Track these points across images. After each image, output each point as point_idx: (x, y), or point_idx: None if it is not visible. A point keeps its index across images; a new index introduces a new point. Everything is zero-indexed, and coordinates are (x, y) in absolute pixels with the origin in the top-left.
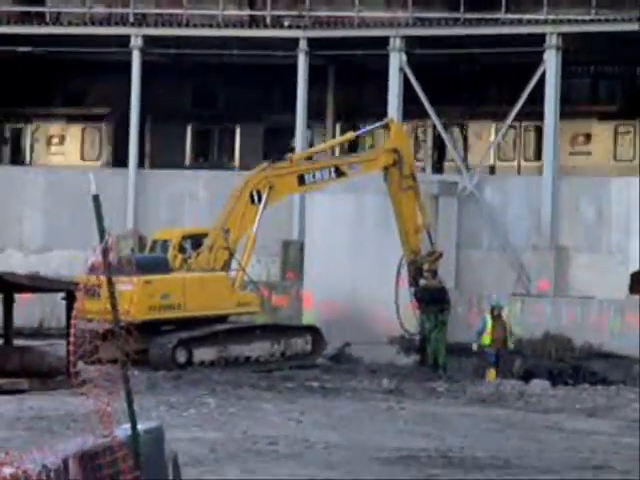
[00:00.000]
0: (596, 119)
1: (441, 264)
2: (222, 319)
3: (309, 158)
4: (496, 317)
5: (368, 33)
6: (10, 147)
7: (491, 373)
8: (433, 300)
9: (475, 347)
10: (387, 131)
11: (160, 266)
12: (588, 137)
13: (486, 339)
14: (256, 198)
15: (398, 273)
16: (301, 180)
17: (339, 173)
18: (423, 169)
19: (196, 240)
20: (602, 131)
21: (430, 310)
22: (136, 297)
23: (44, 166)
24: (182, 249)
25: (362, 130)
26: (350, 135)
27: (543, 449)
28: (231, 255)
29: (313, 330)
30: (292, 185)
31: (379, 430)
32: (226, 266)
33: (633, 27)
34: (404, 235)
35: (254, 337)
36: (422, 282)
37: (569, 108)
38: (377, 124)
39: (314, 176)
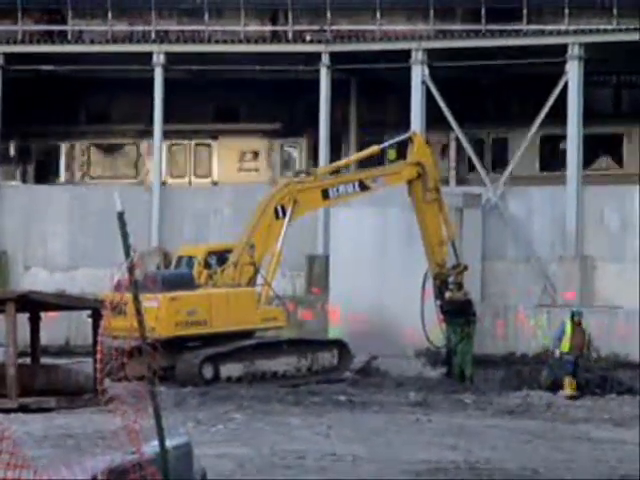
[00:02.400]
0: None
1: (466, 276)
2: (248, 334)
3: (333, 172)
4: (576, 324)
5: (390, 46)
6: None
7: (571, 384)
8: (459, 313)
9: (557, 353)
10: (411, 144)
11: (186, 282)
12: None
13: (565, 346)
14: (280, 213)
15: (423, 286)
16: (325, 194)
17: (363, 187)
18: (447, 181)
19: (221, 256)
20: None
21: (456, 323)
22: (162, 314)
23: (69, 184)
24: (207, 265)
25: (386, 144)
26: (374, 149)
27: (571, 459)
28: (256, 271)
29: (339, 344)
30: (316, 199)
31: (407, 443)
32: (252, 281)
33: None
34: (429, 248)
35: (280, 352)
36: (447, 295)
37: (592, 118)
38: (400, 137)
39: (338, 190)
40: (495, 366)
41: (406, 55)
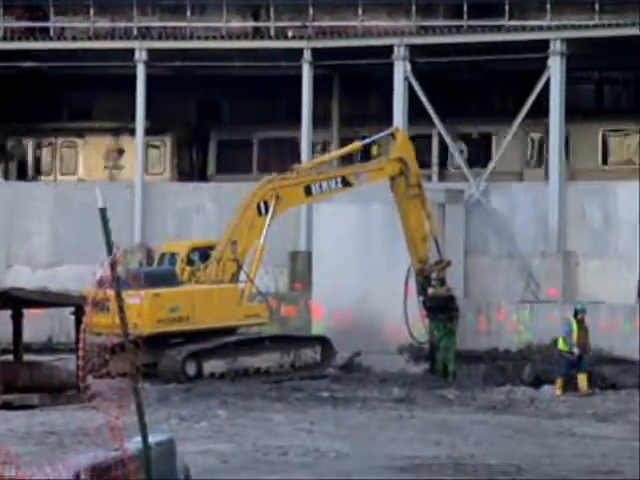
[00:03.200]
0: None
1: (449, 272)
2: (231, 331)
3: (315, 168)
4: (580, 321)
5: (372, 42)
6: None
7: (582, 379)
8: (442, 309)
9: (576, 351)
10: (393, 140)
11: (168, 279)
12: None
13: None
14: (263, 209)
15: (406, 282)
16: (308, 191)
17: (345, 183)
18: (429, 177)
19: (204, 252)
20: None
21: (439, 318)
22: (145, 310)
23: (51, 181)
24: (190, 261)
25: (368, 140)
26: (356, 145)
27: (555, 455)
28: (239, 267)
29: (322, 340)
30: (299, 196)
31: (390, 439)
32: (234, 278)
33: (636, 32)
34: (411, 244)
35: (263, 348)
36: (430, 291)
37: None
38: (382, 133)
39: (321, 187)
40: (478, 362)
41: (388, 51)
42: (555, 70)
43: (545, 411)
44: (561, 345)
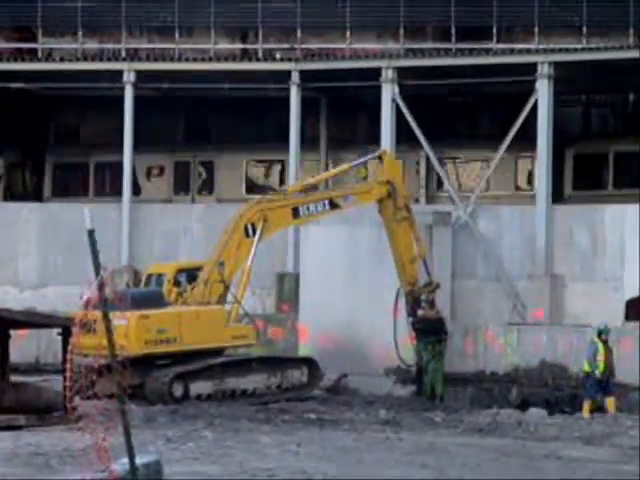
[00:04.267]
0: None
1: (437, 294)
2: (218, 352)
3: (303, 191)
4: (604, 342)
5: (360, 65)
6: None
7: (610, 402)
8: (431, 331)
9: (598, 374)
10: (380, 163)
11: (155, 300)
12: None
13: (600, 366)
14: (250, 231)
15: (396, 303)
16: (295, 213)
17: (333, 205)
18: (417, 200)
19: (191, 274)
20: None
21: (427, 341)
22: (132, 332)
23: (38, 202)
24: (177, 283)
25: (356, 162)
26: (344, 167)
27: (542, 478)
28: (226, 288)
29: (309, 362)
30: (286, 218)
31: (377, 461)
32: (221, 299)
33: (624, 55)
34: (400, 266)
35: (250, 370)
36: (420, 312)
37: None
38: (370, 156)
39: (308, 209)
40: (465, 384)
41: (376, 73)
42: (543, 93)
43: (532, 434)
44: (586, 368)
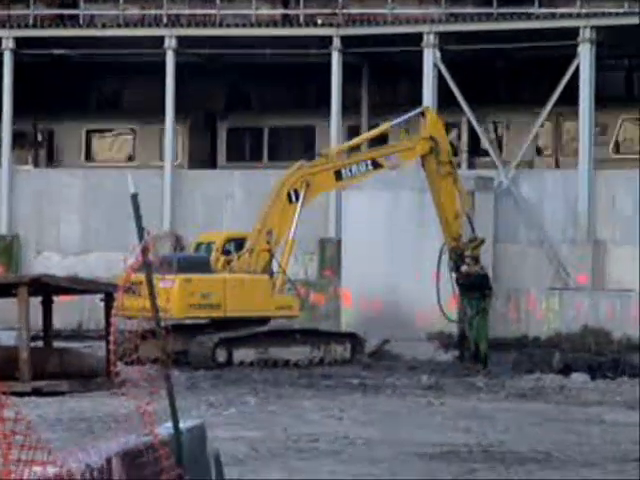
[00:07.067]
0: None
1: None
2: (261, 321)
3: (345, 153)
4: None
5: (401, 30)
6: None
7: None
8: (475, 286)
9: None
10: (423, 119)
11: (201, 266)
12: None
13: None
14: (294, 197)
15: (439, 260)
16: (338, 175)
17: (376, 165)
18: (459, 165)
19: (240, 243)
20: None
21: (472, 297)
22: (175, 295)
23: (81, 168)
24: (226, 252)
25: (397, 120)
26: (386, 126)
27: (584, 442)
28: (272, 257)
29: (353, 337)
30: (329, 181)
31: (419, 426)
32: (267, 268)
33: None
34: (444, 222)
35: (294, 341)
36: (464, 268)
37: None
38: (412, 112)
39: (351, 170)
40: (507, 349)
41: (418, 39)
42: (585, 58)
43: (574, 399)
44: None
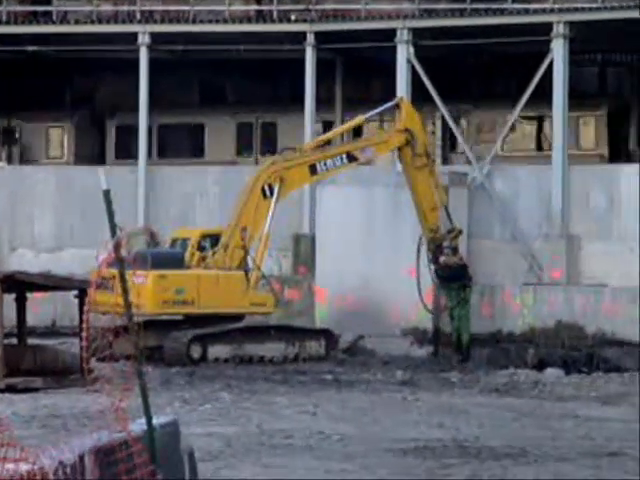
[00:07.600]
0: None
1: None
2: (235, 318)
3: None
4: None
5: (375, 25)
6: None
7: None
8: (454, 277)
9: None
10: (398, 111)
11: (175, 262)
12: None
13: None
14: (268, 192)
15: (418, 251)
16: (313, 170)
17: (351, 158)
18: (433, 160)
19: (216, 239)
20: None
21: (452, 287)
22: (149, 290)
23: (53, 164)
24: (201, 248)
25: (372, 112)
26: (360, 119)
27: (558, 437)
28: (246, 253)
29: (326, 333)
30: (304, 175)
31: (394, 422)
32: (242, 265)
33: (639, 14)
34: (421, 213)
35: (268, 337)
36: (442, 259)
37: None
38: (387, 104)
39: (326, 164)
40: (481, 344)
41: (391, 34)
42: (558, 53)
43: (549, 394)
44: None
